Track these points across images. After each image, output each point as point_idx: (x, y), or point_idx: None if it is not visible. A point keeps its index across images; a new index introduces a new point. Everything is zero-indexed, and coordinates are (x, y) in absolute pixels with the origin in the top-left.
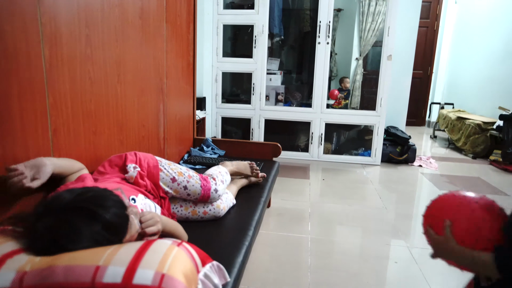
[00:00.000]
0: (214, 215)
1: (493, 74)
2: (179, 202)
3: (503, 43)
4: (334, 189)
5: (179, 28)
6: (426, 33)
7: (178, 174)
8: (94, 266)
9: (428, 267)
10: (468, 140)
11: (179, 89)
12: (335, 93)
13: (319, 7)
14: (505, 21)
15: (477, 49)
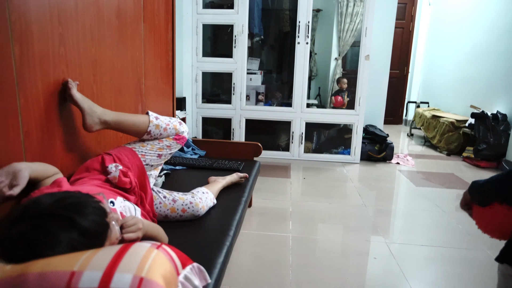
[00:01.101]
0: (193, 214)
1: (464, 74)
2: (159, 199)
3: (473, 45)
4: (315, 187)
5: (157, 27)
6: (402, 33)
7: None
8: (69, 272)
9: (406, 262)
10: (443, 137)
11: (158, 89)
12: (338, 99)
13: (298, 8)
14: (474, 24)
15: (449, 50)
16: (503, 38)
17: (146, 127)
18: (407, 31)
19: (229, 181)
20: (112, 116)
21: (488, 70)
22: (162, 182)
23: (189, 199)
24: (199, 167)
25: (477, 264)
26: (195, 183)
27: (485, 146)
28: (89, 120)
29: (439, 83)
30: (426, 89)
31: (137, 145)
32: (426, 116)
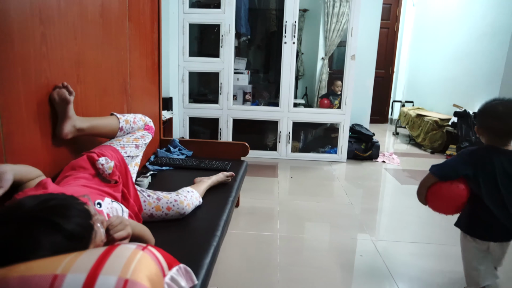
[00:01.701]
0: (178, 212)
1: (447, 74)
2: (143, 198)
3: (455, 46)
4: (302, 186)
5: (143, 26)
6: (387, 34)
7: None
8: (51, 275)
9: (391, 259)
10: (427, 136)
11: (144, 89)
12: (325, 102)
13: (284, 7)
14: (457, 25)
15: (433, 50)
16: (483, 39)
17: (117, 124)
18: (392, 32)
19: (215, 180)
20: (86, 123)
21: (470, 70)
22: (148, 183)
23: (174, 197)
24: (186, 167)
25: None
26: (181, 184)
27: (467, 144)
28: (67, 129)
29: (423, 82)
30: (410, 88)
31: (113, 141)
32: (411, 115)
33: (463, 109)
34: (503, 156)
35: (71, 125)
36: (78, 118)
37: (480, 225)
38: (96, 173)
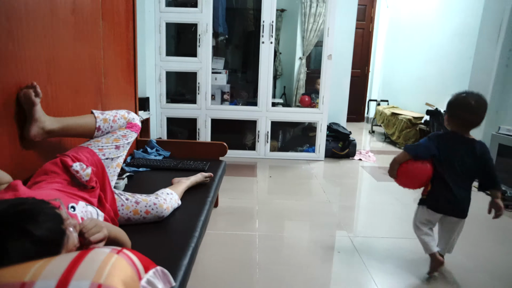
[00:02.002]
0: (157, 215)
1: (420, 73)
2: (121, 201)
3: (427, 47)
4: (281, 185)
5: (117, 25)
6: (363, 34)
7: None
8: (19, 283)
9: (368, 254)
10: (401, 134)
11: (120, 89)
12: (306, 99)
13: (262, 7)
14: (428, 27)
15: (406, 51)
16: (453, 41)
17: (94, 123)
18: (367, 32)
19: (193, 181)
20: (58, 125)
21: (441, 70)
22: (125, 185)
23: (153, 201)
24: (164, 168)
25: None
26: (159, 185)
27: None
28: (34, 131)
29: (397, 82)
30: (385, 87)
31: (92, 141)
32: (386, 113)
33: (434, 107)
34: (463, 144)
35: (38, 127)
36: (49, 119)
37: (436, 199)
38: (71, 178)
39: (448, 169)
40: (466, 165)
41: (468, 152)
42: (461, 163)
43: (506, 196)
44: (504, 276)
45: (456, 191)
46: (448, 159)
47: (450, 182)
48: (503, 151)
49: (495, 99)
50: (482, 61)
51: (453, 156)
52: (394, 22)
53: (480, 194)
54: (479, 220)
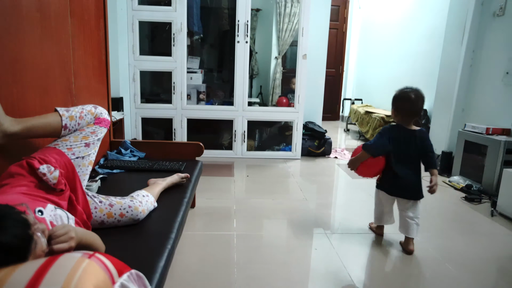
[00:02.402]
0: (132, 218)
1: (392, 73)
2: (94, 204)
3: (398, 47)
4: (258, 184)
5: (87, 23)
6: (337, 34)
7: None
8: None
9: (344, 250)
10: (375, 132)
11: (91, 89)
12: (283, 101)
13: (237, 7)
14: (398, 28)
15: (379, 51)
16: (422, 42)
17: (60, 122)
18: (341, 32)
19: (169, 182)
20: (19, 126)
21: (411, 70)
22: (98, 187)
23: (128, 203)
24: (139, 170)
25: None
26: (134, 187)
27: None
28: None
29: (370, 81)
30: (359, 86)
31: (59, 141)
32: (360, 112)
33: None
34: (408, 135)
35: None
36: (10, 121)
37: (389, 184)
38: (38, 181)
39: (397, 158)
40: (412, 152)
41: (412, 141)
42: (407, 151)
43: (472, 190)
44: (470, 266)
45: (404, 176)
46: (397, 150)
47: (398, 170)
48: (468, 147)
49: (461, 98)
50: (449, 61)
51: (401, 147)
52: (366, 23)
53: (448, 190)
54: (447, 214)
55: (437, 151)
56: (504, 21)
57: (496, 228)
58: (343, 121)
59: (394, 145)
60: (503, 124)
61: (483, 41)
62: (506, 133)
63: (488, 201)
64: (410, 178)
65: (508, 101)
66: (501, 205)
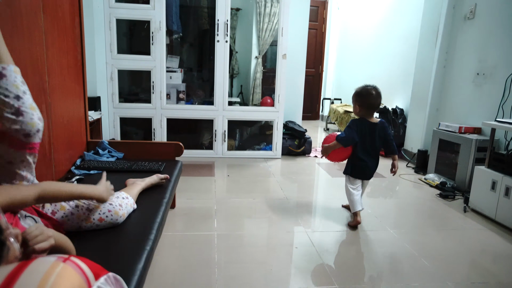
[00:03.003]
0: (112, 223)
1: (370, 73)
2: (70, 209)
3: (375, 48)
4: (239, 184)
5: (61, 20)
6: (316, 34)
7: None
8: None
9: (323, 248)
10: None
11: (66, 88)
12: (268, 101)
13: (216, 6)
14: (376, 29)
15: (357, 51)
16: (398, 43)
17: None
18: (320, 32)
19: (148, 182)
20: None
21: (388, 70)
22: None
23: (107, 207)
24: (117, 170)
25: (384, 242)
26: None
27: None
28: None
29: (349, 81)
30: (338, 86)
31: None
32: (339, 111)
33: (383, 105)
34: (370, 127)
35: None
36: None
37: (355, 169)
38: None
39: (362, 147)
40: (374, 142)
41: (374, 132)
42: (371, 141)
43: (446, 187)
44: (444, 260)
45: (367, 162)
46: (363, 140)
47: (363, 156)
48: (443, 146)
49: (435, 98)
50: (423, 62)
51: (366, 138)
52: (345, 24)
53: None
54: (422, 210)
55: (413, 150)
56: (474, 24)
57: (468, 223)
58: (322, 120)
59: (360, 136)
60: (474, 123)
61: (455, 43)
62: (477, 132)
63: (461, 197)
64: (372, 164)
65: (478, 101)
66: (473, 201)
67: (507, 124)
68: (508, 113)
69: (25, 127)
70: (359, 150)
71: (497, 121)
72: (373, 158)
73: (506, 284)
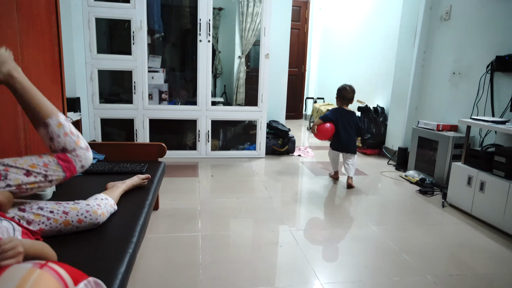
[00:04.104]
0: (92, 223)
1: (351, 72)
2: (47, 214)
3: (357, 47)
4: (223, 184)
5: (37, 18)
6: (298, 34)
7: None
8: None
9: (307, 246)
10: None
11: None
12: None
13: (198, 5)
14: (357, 29)
15: (339, 51)
16: (379, 43)
17: (49, 115)
18: (302, 32)
19: (129, 184)
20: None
21: (369, 69)
22: (53, 192)
23: (85, 208)
24: (98, 173)
25: (366, 239)
26: (93, 191)
27: (369, 135)
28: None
29: (332, 80)
30: (321, 85)
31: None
32: (322, 110)
33: (365, 104)
34: (345, 113)
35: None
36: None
37: (335, 143)
38: None
39: (342, 128)
40: (349, 124)
41: (348, 117)
42: (345, 123)
43: (426, 183)
44: (424, 254)
45: (344, 139)
46: (339, 122)
47: (342, 134)
48: (422, 143)
49: (414, 96)
50: (403, 62)
51: (344, 121)
52: (327, 24)
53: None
54: (403, 207)
55: (394, 147)
56: (450, 25)
57: (446, 218)
58: (306, 119)
59: (339, 120)
60: (451, 120)
61: (432, 43)
62: (454, 129)
63: (440, 193)
64: (350, 140)
65: (455, 99)
66: (451, 196)
67: (481, 121)
68: (482, 111)
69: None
70: (341, 129)
71: (472, 119)
72: (351, 136)
73: (482, 276)
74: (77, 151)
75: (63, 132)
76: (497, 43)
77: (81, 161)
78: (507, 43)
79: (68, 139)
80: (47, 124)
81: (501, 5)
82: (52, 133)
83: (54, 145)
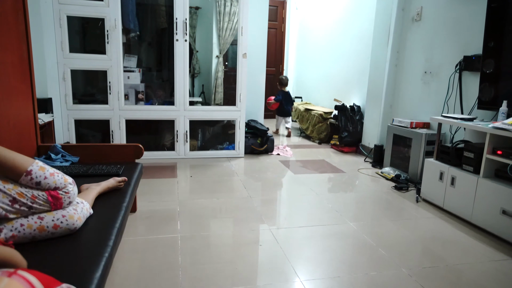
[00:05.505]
0: (68, 228)
1: (328, 71)
2: (19, 220)
3: (333, 47)
4: (202, 184)
5: (3, 16)
6: (276, 34)
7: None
8: None
9: (287, 244)
10: (314, 128)
11: (11, 89)
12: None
13: (174, 4)
14: (333, 29)
15: (316, 50)
16: (354, 43)
17: (28, 164)
18: (280, 32)
19: (104, 186)
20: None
21: (345, 69)
22: None
23: (61, 212)
24: (72, 175)
25: (344, 235)
26: None
27: (346, 133)
28: None
29: (309, 79)
30: (299, 85)
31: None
32: (300, 109)
33: (341, 103)
34: (284, 93)
35: None
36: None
37: (281, 111)
38: None
39: (284, 102)
40: (287, 98)
41: (288, 95)
42: (287, 99)
43: (401, 179)
44: (399, 248)
45: (286, 109)
46: (284, 99)
47: (284, 107)
48: (396, 140)
49: (389, 95)
50: (377, 61)
51: (285, 97)
52: (303, 23)
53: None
54: (379, 202)
55: (370, 145)
56: (421, 25)
57: (420, 213)
58: None
59: (282, 98)
60: (424, 118)
61: (405, 43)
62: (427, 126)
63: (414, 188)
64: (288, 109)
65: (426, 97)
66: (424, 191)
67: (451, 119)
68: (452, 109)
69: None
70: (284, 103)
71: (443, 116)
72: (288, 106)
73: (453, 266)
74: (67, 187)
75: (49, 173)
76: (465, 43)
77: (70, 198)
78: (473, 43)
79: (56, 178)
80: (29, 172)
81: (468, 8)
82: (37, 177)
83: (43, 188)
